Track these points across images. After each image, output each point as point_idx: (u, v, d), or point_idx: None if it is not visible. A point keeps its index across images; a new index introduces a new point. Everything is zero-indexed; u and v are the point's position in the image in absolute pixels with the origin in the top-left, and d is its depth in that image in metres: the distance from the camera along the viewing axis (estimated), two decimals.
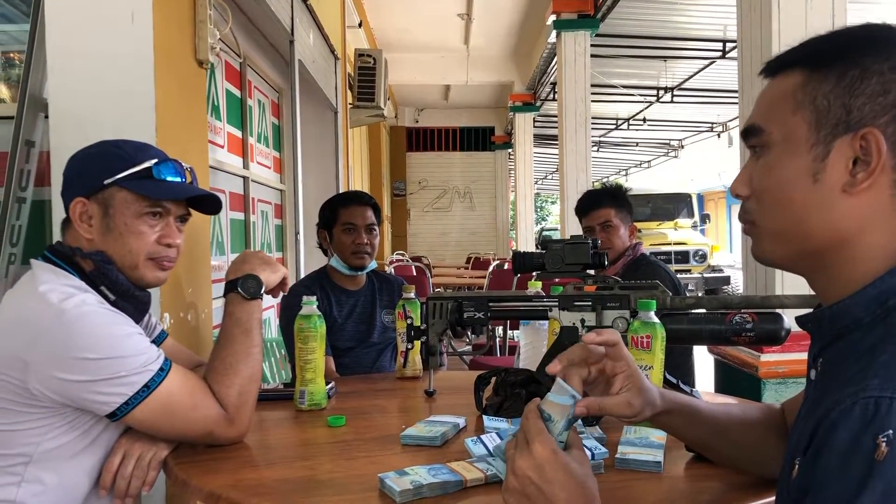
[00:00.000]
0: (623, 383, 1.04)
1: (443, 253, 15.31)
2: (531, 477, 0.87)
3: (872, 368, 0.73)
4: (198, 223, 2.62)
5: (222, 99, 4.20)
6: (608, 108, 13.05)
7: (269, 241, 5.31)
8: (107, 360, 1.28)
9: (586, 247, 1.67)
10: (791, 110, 0.85)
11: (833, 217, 0.83)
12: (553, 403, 0.92)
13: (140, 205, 1.43)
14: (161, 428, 1.37)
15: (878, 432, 0.67)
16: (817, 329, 0.88)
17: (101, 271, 1.40)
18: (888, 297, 0.80)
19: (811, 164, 0.83)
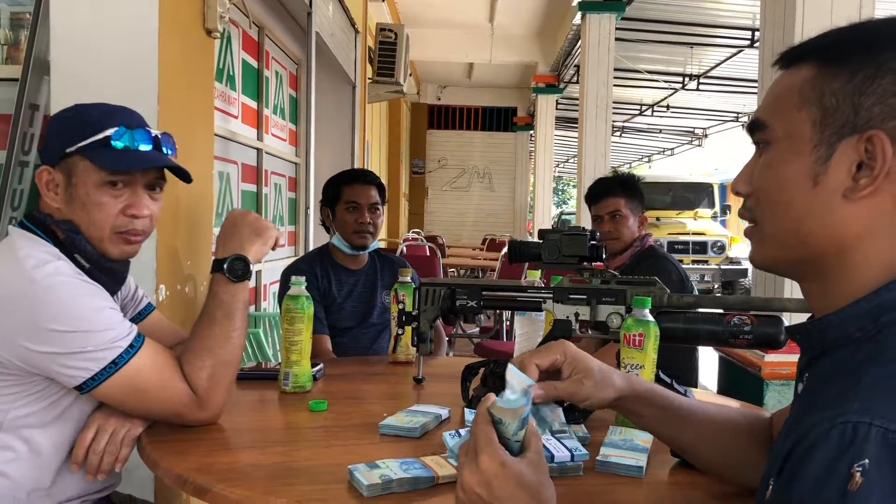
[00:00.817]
0: (569, 369, 1.05)
1: (459, 233, 15.26)
2: (479, 493, 0.81)
3: (855, 391, 0.68)
4: (200, 194, 2.59)
5: (238, 69, 4.16)
6: (632, 94, 12.89)
7: (282, 214, 5.29)
8: (74, 333, 1.25)
9: (584, 238, 1.62)
10: (797, 106, 0.80)
11: (831, 223, 0.78)
12: (503, 409, 0.84)
13: (100, 174, 1.36)
14: (129, 404, 1.34)
15: (853, 461, 0.63)
16: (806, 341, 0.83)
17: (71, 241, 1.37)
18: (881, 312, 0.75)
19: (812, 166, 0.78)
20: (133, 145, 1.38)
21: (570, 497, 1.14)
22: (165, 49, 2.24)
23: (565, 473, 1.21)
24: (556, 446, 1.24)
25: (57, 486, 1.34)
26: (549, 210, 13.11)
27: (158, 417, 1.39)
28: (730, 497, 1.13)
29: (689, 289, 2.68)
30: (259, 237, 1.53)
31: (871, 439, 0.63)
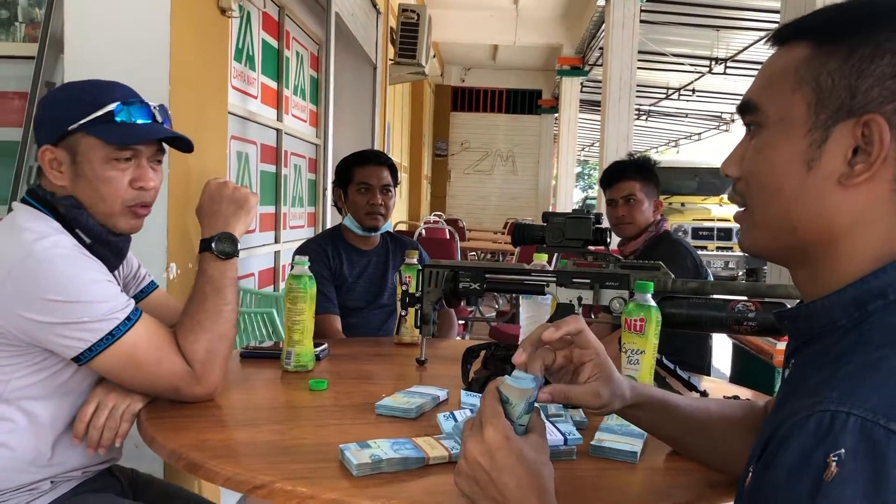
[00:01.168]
0: (592, 372, 0.98)
1: (481, 216, 15.23)
2: (481, 462, 0.83)
3: (835, 379, 0.67)
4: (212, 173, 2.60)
5: (258, 49, 4.16)
6: (658, 77, 12.73)
7: (302, 195, 5.30)
8: (71, 303, 1.27)
9: (588, 222, 1.60)
10: (791, 88, 0.77)
11: (824, 210, 0.75)
12: (512, 387, 0.88)
13: (106, 150, 1.37)
14: (126, 378, 1.35)
15: (829, 450, 0.62)
16: (794, 327, 0.82)
17: (73, 216, 1.38)
18: (868, 300, 0.73)
19: (806, 150, 0.75)
20: (133, 119, 1.39)
21: (562, 481, 1.12)
22: (177, 27, 2.24)
23: (559, 458, 1.20)
24: (551, 430, 1.23)
25: (56, 458, 1.36)
26: (572, 194, 13.04)
27: (156, 392, 1.40)
28: (724, 484, 1.12)
29: (703, 275, 2.65)
30: (241, 209, 1.54)
31: (849, 429, 0.62)
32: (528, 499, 0.82)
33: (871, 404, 0.62)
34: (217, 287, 1.46)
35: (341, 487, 1.05)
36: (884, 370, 0.65)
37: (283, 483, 1.06)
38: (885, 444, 0.60)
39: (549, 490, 0.85)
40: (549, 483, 0.85)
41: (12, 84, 2.66)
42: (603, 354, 0.99)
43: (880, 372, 0.65)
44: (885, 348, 0.68)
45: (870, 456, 0.60)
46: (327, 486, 1.05)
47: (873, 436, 0.61)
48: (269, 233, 4.55)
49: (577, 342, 0.98)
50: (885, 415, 0.61)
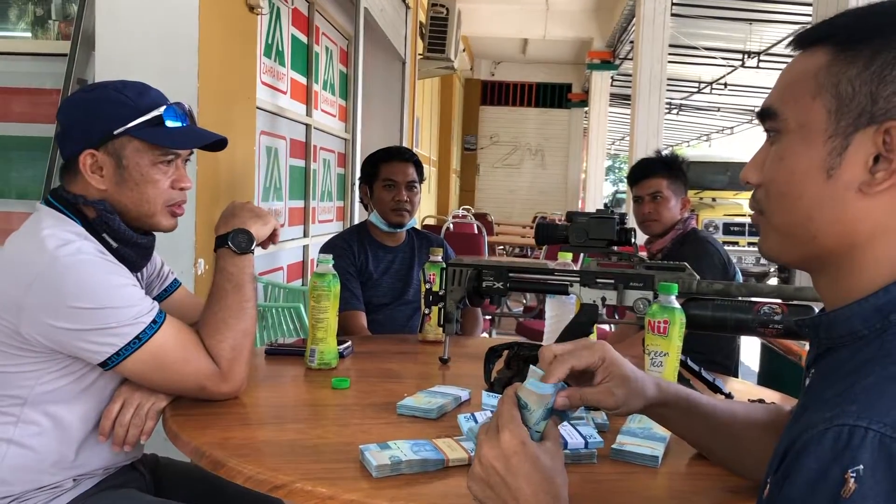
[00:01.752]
0: (603, 374, 0.97)
1: (510, 211, 15.17)
2: (496, 467, 0.83)
3: (853, 392, 0.65)
4: (242, 169, 2.63)
5: (287, 44, 4.18)
6: (690, 71, 12.58)
7: (331, 190, 5.33)
8: (98, 310, 1.28)
9: (612, 222, 1.59)
10: (811, 94, 0.75)
11: (845, 218, 0.74)
12: (530, 392, 0.88)
13: (154, 154, 1.41)
14: (153, 380, 1.37)
15: (848, 466, 0.61)
16: (815, 335, 0.80)
17: (104, 220, 1.39)
18: (891, 310, 0.71)
19: (826, 158, 0.74)
20: (180, 122, 1.43)
21: (581, 485, 1.13)
22: (206, 25, 2.27)
23: (579, 461, 1.20)
24: (571, 433, 1.23)
25: (80, 459, 1.38)
26: (601, 188, 12.95)
27: (182, 392, 1.41)
28: (745, 490, 1.11)
29: (731, 273, 2.62)
30: (259, 218, 1.55)
31: (867, 444, 0.61)
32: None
33: (890, 419, 0.61)
34: (236, 284, 1.46)
35: (360, 488, 1.06)
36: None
37: (302, 483, 1.06)
38: None
39: (564, 498, 0.84)
40: (563, 491, 0.85)
41: (47, 81, 2.70)
42: (610, 355, 0.98)
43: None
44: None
45: (889, 472, 0.59)
46: (346, 486, 1.06)
47: (893, 452, 0.60)
48: (298, 227, 4.58)
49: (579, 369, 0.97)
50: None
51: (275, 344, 1.88)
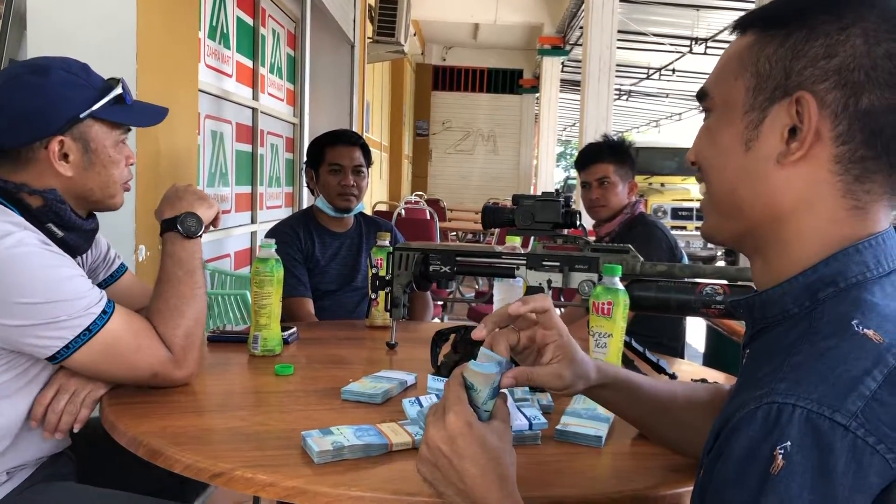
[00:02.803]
0: (554, 353, 0.97)
1: (463, 196, 15.19)
2: (442, 449, 0.83)
3: (782, 370, 0.66)
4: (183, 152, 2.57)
5: (232, 27, 4.10)
6: (639, 57, 12.72)
7: (279, 175, 5.25)
8: (46, 304, 1.23)
9: (557, 204, 1.59)
10: (734, 74, 0.79)
11: (766, 190, 0.76)
12: (475, 372, 0.88)
13: (116, 133, 1.40)
14: (104, 371, 1.32)
15: (776, 443, 0.61)
16: (749, 316, 0.81)
17: (52, 209, 1.34)
18: (819, 288, 0.73)
19: (744, 131, 0.77)
20: (132, 99, 1.43)
21: (526, 466, 1.12)
22: (144, 4, 2.20)
23: (523, 442, 1.19)
24: (515, 414, 1.22)
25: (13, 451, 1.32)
26: (553, 174, 13.04)
27: (134, 381, 1.37)
28: (688, 469, 1.11)
29: (678, 257, 2.65)
30: (204, 201, 1.52)
31: (795, 421, 0.61)
32: (489, 485, 0.81)
33: (816, 395, 0.62)
34: (188, 269, 1.43)
35: (302, 475, 1.04)
36: (830, 359, 0.65)
37: (243, 471, 1.04)
38: (830, 435, 0.60)
39: (510, 476, 0.84)
40: (510, 470, 0.85)
41: None
42: (566, 336, 0.98)
43: (827, 362, 0.65)
44: (832, 338, 0.67)
45: (815, 448, 0.60)
46: (288, 473, 1.04)
47: (819, 427, 0.61)
48: (246, 213, 4.51)
49: (542, 322, 0.97)
50: (830, 406, 0.61)
51: (218, 331, 1.84)
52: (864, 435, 0.60)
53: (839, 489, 0.59)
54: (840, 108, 0.72)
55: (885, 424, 0.61)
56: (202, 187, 3.67)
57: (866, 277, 0.72)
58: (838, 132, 0.72)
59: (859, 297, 0.70)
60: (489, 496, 0.81)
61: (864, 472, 0.60)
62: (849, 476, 0.60)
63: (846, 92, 0.71)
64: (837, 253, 0.73)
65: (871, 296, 0.70)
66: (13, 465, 1.34)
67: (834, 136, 0.72)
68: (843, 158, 0.72)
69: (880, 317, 0.68)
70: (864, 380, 0.63)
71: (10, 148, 1.33)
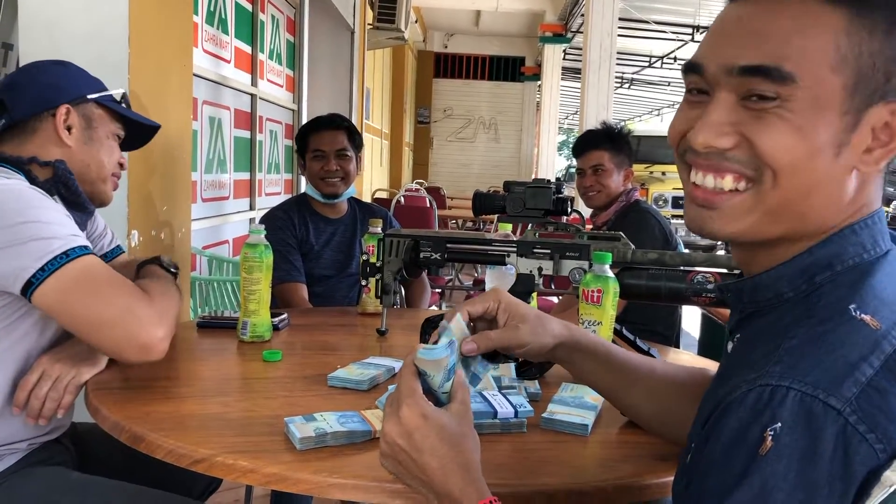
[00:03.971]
0: (503, 317, 0.97)
1: (464, 184, 15.15)
2: (400, 444, 0.82)
3: (777, 354, 0.65)
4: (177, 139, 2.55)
5: (231, 12, 4.08)
6: (641, 45, 12.65)
7: (278, 162, 5.24)
8: (26, 223, 1.23)
9: (548, 191, 1.58)
10: (830, 66, 0.67)
11: (838, 197, 0.71)
12: (425, 360, 0.85)
13: (114, 125, 1.54)
14: (74, 305, 1.25)
15: (767, 424, 0.61)
16: (737, 300, 0.79)
17: (61, 179, 1.41)
18: (816, 271, 0.71)
19: (838, 135, 0.68)
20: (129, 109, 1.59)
21: (512, 454, 1.12)
22: None
23: (508, 430, 1.19)
24: (501, 402, 1.22)
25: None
26: (554, 162, 13.00)
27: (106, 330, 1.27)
28: (674, 457, 1.10)
29: (673, 245, 2.64)
30: None
31: (788, 403, 0.61)
32: (451, 476, 0.80)
33: (811, 378, 0.61)
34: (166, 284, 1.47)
35: (284, 461, 1.03)
36: (826, 344, 0.64)
37: (224, 457, 1.03)
38: (822, 418, 0.60)
39: (473, 463, 0.82)
40: (471, 456, 0.83)
41: None
42: (504, 300, 0.97)
43: (823, 346, 0.64)
44: (828, 322, 0.66)
45: (806, 430, 0.60)
46: (269, 459, 1.03)
47: (812, 410, 0.60)
48: (244, 199, 4.50)
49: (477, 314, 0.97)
50: (825, 389, 0.61)
51: (208, 317, 1.84)
52: (855, 422, 0.60)
53: (822, 474, 0.59)
54: None
55: (880, 412, 0.60)
56: (199, 173, 3.66)
57: (863, 259, 0.71)
58: None
59: (857, 281, 0.69)
60: (452, 486, 0.79)
61: (849, 459, 0.59)
62: (835, 463, 0.59)
63: None
64: (833, 235, 0.71)
65: (869, 278, 0.69)
66: (4, 443, 1.33)
67: None
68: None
69: (878, 300, 0.67)
70: (861, 366, 0.62)
71: (21, 119, 1.42)
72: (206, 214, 3.81)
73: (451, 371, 0.85)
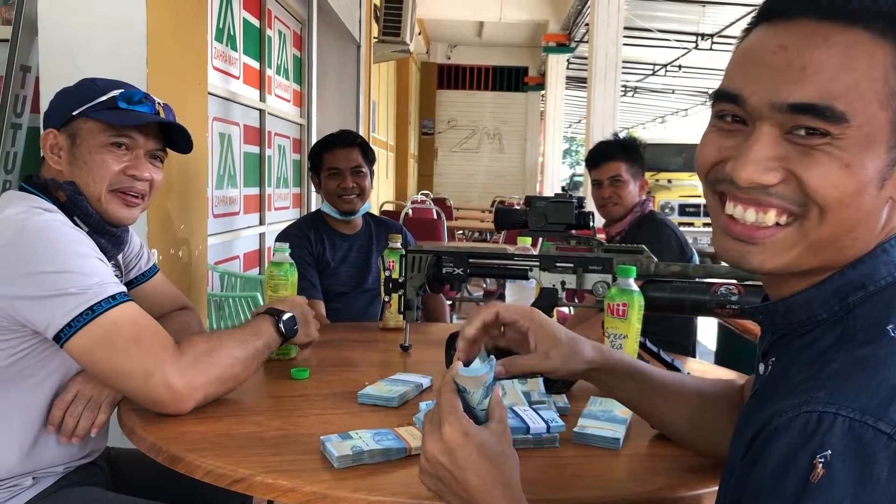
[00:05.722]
0: (534, 340, 0.97)
1: (469, 195, 15.20)
2: (442, 461, 0.82)
3: (820, 379, 0.65)
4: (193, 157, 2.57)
5: (239, 29, 4.11)
6: (645, 53, 12.69)
7: (286, 176, 5.26)
8: (56, 274, 1.23)
9: (570, 206, 1.59)
10: (879, 102, 0.67)
11: (876, 227, 0.71)
12: (466, 377, 0.86)
13: (105, 135, 1.40)
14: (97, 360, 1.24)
15: (816, 451, 0.61)
16: (769, 322, 0.79)
17: (73, 202, 1.38)
18: (849, 292, 0.71)
19: (883, 170, 0.68)
20: (134, 107, 1.42)
21: (545, 469, 1.13)
22: (154, 9, 2.20)
23: (541, 445, 1.20)
24: (533, 417, 1.23)
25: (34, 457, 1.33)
26: (559, 171, 13.03)
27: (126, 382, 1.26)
28: (706, 469, 1.12)
29: (689, 255, 2.65)
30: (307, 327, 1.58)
31: (836, 430, 0.61)
32: (492, 493, 0.81)
33: (858, 404, 0.61)
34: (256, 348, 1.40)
35: (322, 480, 1.04)
36: (869, 368, 0.64)
37: (263, 476, 1.05)
38: (873, 444, 0.60)
39: (514, 481, 0.84)
40: (512, 474, 0.84)
41: None
42: (537, 321, 0.98)
43: (865, 370, 0.64)
44: (868, 345, 0.67)
45: (858, 456, 0.60)
46: (308, 478, 1.04)
47: (862, 436, 0.60)
48: (254, 214, 4.52)
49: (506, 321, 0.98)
50: (874, 414, 0.61)
51: None
52: None
53: (878, 499, 0.59)
54: None
55: None
56: (211, 189, 3.68)
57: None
58: None
59: (892, 300, 0.70)
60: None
61: None
62: (891, 485, 0.59)
63: None
64: (864, 256, 0.71)
65: None
66: (38, 469, 1.34)
67: None
68: None
69: None
70: None
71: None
72: (218, 230, 3.83)
73: (489, 388, 0.87)
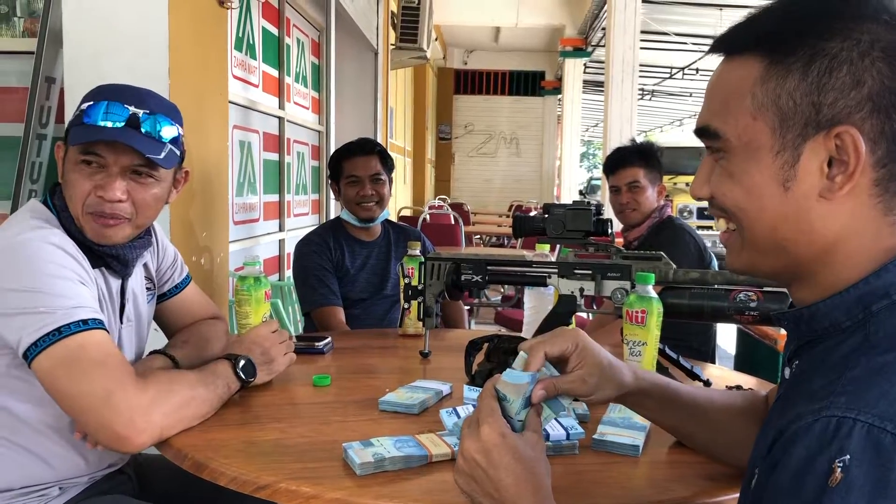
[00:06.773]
0: (575, 362, 0.98)
1: (486, 200, 15.18)
2: (478, 460, 0.85)
3: (840, 383, 0.66)
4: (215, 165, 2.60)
5: (258, 37, 4.14)
6: (662, 57, 12.64)
7: (306, 183, 5.30)
8: (28, 292, 1.21)
9: (589, 213, 1.60)
10: (751, 114, 0.75)
11: (809, 227, 0.75)
12: (507, 383, 0.90)
13: (74, 151, 1.33)
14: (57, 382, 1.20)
15: (835, 456, 0.62)
16: (794, 328, 0.81)
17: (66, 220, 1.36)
18: (872, 300, 0.73)
19: (779, 172, 0.74)
20: (96, 121, 1.30)
21: (564, 476, 1.13)
22: (176, 21, 2.24)
23: (560, 452, 1.20)
24: (553, 424, 1.23)
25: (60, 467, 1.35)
26: (577, 176, 13.00)
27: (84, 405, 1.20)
28: (726, 477, 1.12)
29: (707, 260, 2.65)
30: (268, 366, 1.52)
31: (855, 435, 0.62)
32: (524, 495, 0.83)
33: (878, 410, 0.62)
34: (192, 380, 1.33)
35: (345, 487, 1.06)
36: (890, 375, 0.65)
37: (286, 483, 1.06)
38: (891, 450, 0.61)
39: (545, 487, 0.86)
40: (544, 480, 0.86)
41: (13, 79, 2.65)
42: (584, 341, 0.99)
43: (887, 377, 0.65)
44: (890, 352, 0.67)
45: (876, 462, 0.61)
46: (331, 485, 1.06)
47: (880, 442, 0.61)
48: (274, 221, 4.55)
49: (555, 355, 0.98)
50: (893, 420, 0.61)
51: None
52: None
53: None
54: (877, 133, 0.71)
55: None
56: (231, 197, 3.71)
57: None
58: (878, 157, 0.71)
59: None
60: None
61: None
62: None
63: (881, 117, 0.70)
64: (888, 264, 0.73)
65: None
66: (64, 479, 1.36)
67: (874, 162, 0.71)
68: (883, 180, 0.72)
69: None
70: None
71: None
72: (238, 237, 3.86)
73: (528, 400, 0.89)
